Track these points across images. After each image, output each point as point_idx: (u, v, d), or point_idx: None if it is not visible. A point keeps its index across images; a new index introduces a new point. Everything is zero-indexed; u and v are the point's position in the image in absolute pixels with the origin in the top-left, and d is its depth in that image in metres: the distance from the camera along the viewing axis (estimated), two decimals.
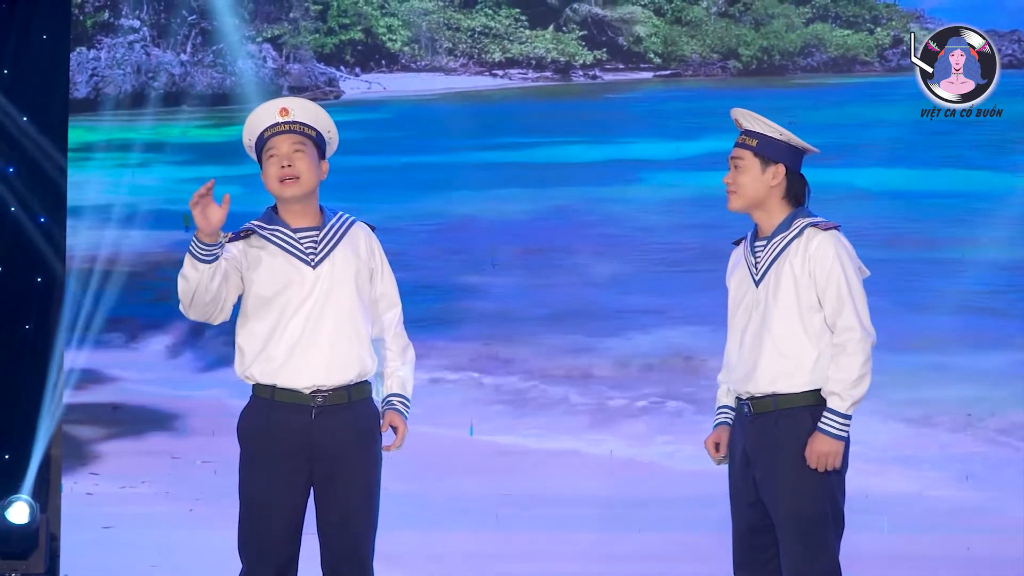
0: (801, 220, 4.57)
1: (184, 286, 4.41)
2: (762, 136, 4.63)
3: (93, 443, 8.08)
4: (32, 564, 7.64)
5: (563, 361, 7.95)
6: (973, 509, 7.57)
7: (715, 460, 4.69)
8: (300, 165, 4.56)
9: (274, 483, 4.55)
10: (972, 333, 7.74)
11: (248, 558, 4.59)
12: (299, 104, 4.66)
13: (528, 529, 7.73)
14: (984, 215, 7.84)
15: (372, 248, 4.73)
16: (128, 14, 8.33)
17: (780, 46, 8.16)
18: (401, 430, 4.69)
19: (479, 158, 8.16)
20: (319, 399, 4.54)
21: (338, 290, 4.59)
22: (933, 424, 7.69)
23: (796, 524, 4.42)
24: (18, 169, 8.05)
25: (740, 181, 4.60)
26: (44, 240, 8.02)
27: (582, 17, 8.28)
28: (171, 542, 7.75)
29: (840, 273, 4.46)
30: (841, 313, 4.44)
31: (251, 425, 4.62)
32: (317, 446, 4.54)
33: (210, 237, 4.33)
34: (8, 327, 7.99)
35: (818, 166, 7.79)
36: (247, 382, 4.62)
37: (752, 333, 4.53)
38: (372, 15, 8.32)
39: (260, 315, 4.57)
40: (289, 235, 4.60)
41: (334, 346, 4.56)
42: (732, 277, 4.71)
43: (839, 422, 4.40)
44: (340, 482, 4.56)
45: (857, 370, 4.40)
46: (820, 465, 4.39)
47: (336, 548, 4.58)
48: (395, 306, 4.77)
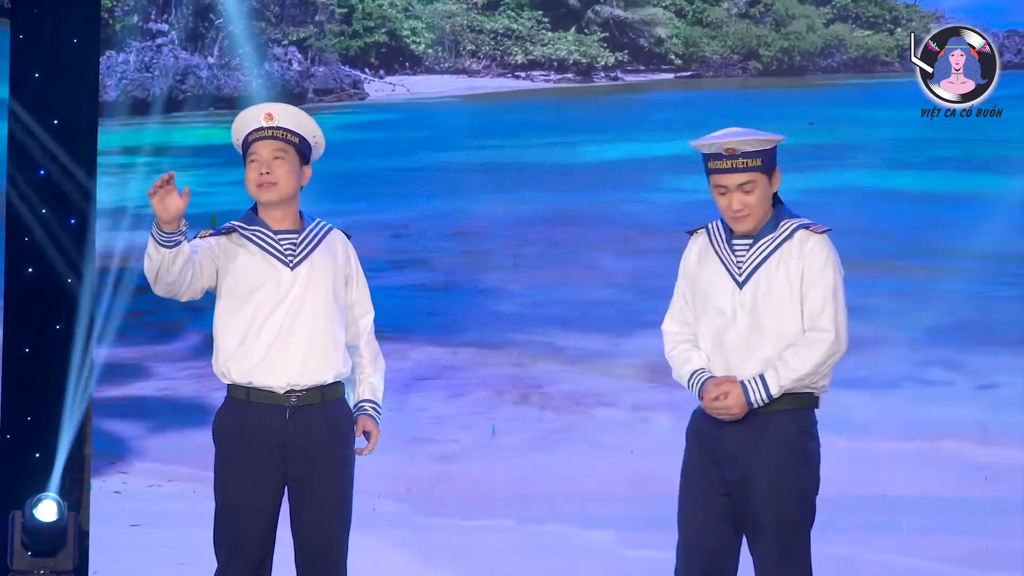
0: (789, 221, 4.52)
1: (148, 265, 4.48)
2: (764, 153, 4.49)
3: (122, 442, 8.10)
4: (60, 561, 7.65)
5: (582, 361, 7.94)
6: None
7: (725, 404, 4.42)
8: (279, 172, 4.63)
9: (249, 483, 4.60)
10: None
11: (223, 556, 4.64)
12: (284, 110, 4.72)
13: (549, 523, 7.75)
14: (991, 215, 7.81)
15: (348, 255, 4.79)
16: (156, 18, 8.37)
17: (800, 47, 8.17)
18: (374, 435, 4.76)
19: (501, 159, 8.17)
20: (293, 399, 4.59)
21: (315, 292, 4.64)
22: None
23: (777, 525, 4.36)
24: (49, 172, 8.04)
25: (752, 203, 4.46)
26: (74, 242, 8.02)
27: (604, 19, 8.30)
28: (198, 540, 7.66)
29: (831, 277, 4.43)
30: (822, 315, 4.40)
31: (226, 425, 4.67)
32: (291, 446, 4.59)
33: (169, 225, 4.38)
34: (39, 327, 7.99)
35: (837, 163, 7.82)
36: (222, 380, 4.68)
37: (737, 335, 4.43)
38: (396, 18, 8.36)
39: (236, 312, 4.62)
40: (269, 236, 4.66)
41: (310, 347, 4.61)
42: (698, 270, 4.56)
43: (761, 397, 4.36)
44: (314, 482, 4.61)
45: (811, 368, 4.38)
46: (714, 410, 4.38)
47: (310, 547, 4.63)
48: (368, 313, 4.83)
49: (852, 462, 7.18)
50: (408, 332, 7.77)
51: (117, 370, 8.11)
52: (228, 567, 4.62)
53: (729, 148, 4.46)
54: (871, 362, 7.65)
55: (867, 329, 7.55)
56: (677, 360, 4.56)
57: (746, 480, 4.38)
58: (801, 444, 4.42)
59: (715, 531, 4.44)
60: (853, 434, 7.40)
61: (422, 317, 7.87)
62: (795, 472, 4.39)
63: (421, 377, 7.87)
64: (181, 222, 4.40)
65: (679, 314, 4.60)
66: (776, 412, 4.40)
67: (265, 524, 4.60)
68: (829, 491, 4.56)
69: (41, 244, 8.02)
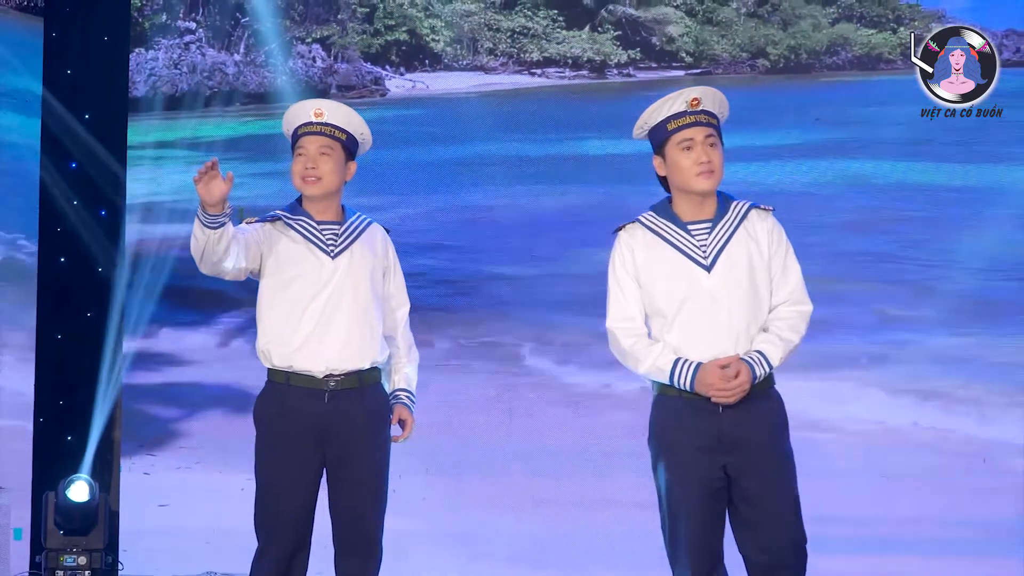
0: (737, 203, 4.41)
1: (194, 245, 4.55)
2: (719, 119, 4.39)
3: (151, 425, 8.13)
4: (92, 540, 7.68)
5: (594, 350, 7.78)
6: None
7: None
8: (324, 167, 4.71)
9: (288, 466, 4.64)
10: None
11: (264, 536, 4.68)
12: (333, 107, 4.80)
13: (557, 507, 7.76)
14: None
15: (387, 248, 4.87)
16: (184, 17, 8.40)
17: (807, 45, 8.16)
18: (409, 423, 4.84)
19: (517, 153, 8.17)
20: (332, 383, 4.65)
21: (355, 281, 4.71)
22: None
23: (789, 497, 4.30)
24: (80, 165, 8.10)
25: (716, 161, 4.33)
26: (104, 233, 8.09)
27: (617, 18, 8.30)
28: (224, 519, 7.64)
29: (792, 253, 4.40)
30: (799, 289, 4.37)
31: (266, 410, 4.72)
32: (330, 429, 4.63)
33: (214, 208, 4.45)
34: (71, 315, 8.05)
35: (842, 159, 7.88)
36: (263, 362, 4.73)
37: (714, 318, 4.29)
38: (416, 17, 8.38)
39: (278, 296, 4.69)
40: (312, 226, 4.73)
41: (349, 334, 4.67)
42: (649, 262, 4.39)
43: (764, 370, 4.28)
44: (352, 465, 4.65)
45: (799, 338, 4.35)
46: (728, 390, 4.23)
47: (347, 528, 4.67)
48: (404, 304, 4.91)
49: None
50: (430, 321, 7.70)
51: (147, 357, 8.14)
52: (268, 547, 4.66)
53: (694, 99, 4.33)
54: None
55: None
56: (641, 353, 4.34)
57: (747, 457, 4.28)
58: (785, 416, 4.39)
59: (718, 528, 4.35)
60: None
61: (437, 308, 7.87)
62: (788, 443, 4.37)
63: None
64: (225, 204, 4.46)
65: (622, 310, 4.40)
66: (767, 387, 4.33)
67: (304, 505, 4.64)
68: None
69: (73, 234, 8.08)
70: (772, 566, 4.30)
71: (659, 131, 4.37)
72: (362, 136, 4.83)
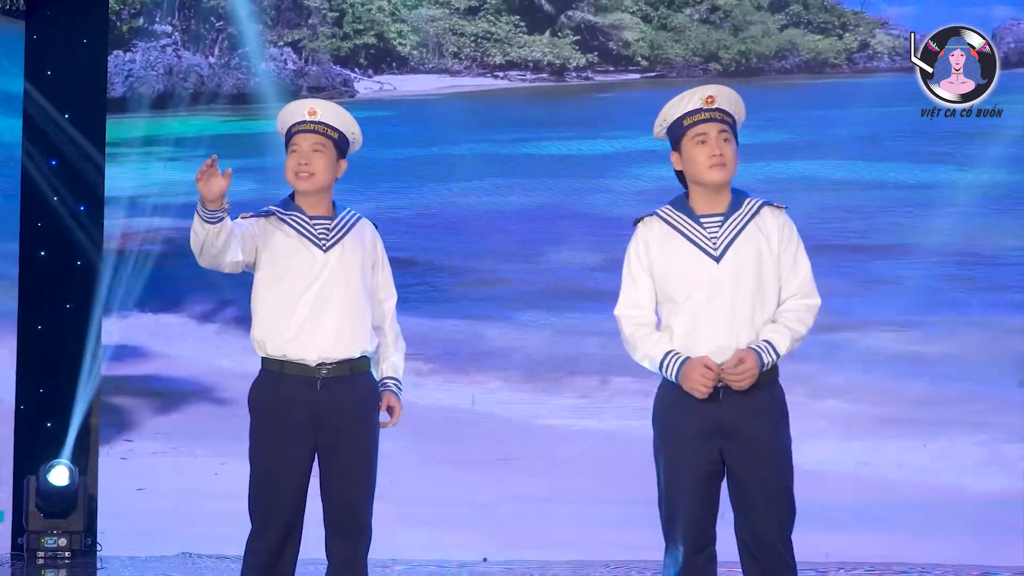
0: (751, 199, 4.48)
1: (194, 239, 4.57)
2: (734, 117, 4.46)
3: (128, 412, 8.17)
4: (72, 522, 7.82)
5: (559, 343, 7.97)
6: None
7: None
8: (316, 164, 4.75)
9: (281, 451, 4.66)
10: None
11: (258, 519, 4.69)
12: (326, 106, 4.86)
13: (531, 492, 7.88)
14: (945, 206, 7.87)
15: (375, 242, 4.94)
16: (161, 20, 8.45)
17: (757, 50, 8.26)
18: (397, 409, 4.86)
19: (480, 152, 8.23)
20: (324, 371, 4.68)
21: (346, 274, 4.74)
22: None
23: (783, 487, 4.37)
24: (59, 162, 8.18)
25: (729, 155, 4.40)
26: (83, 228, 8.15)
27: (575, 23, 8.38)
28: (198, 502, 7.81)
29: (803, 250, 4.47)
30: (809, 283, 4.44)
31: (261, 397, 4.73)
32: (322, 416, 4.67)
33: (213, 203, 4.45)
34: (51, 307, 8.12)
35: (791, 159, 7.99)
36: (257, 351, 4.80)
37: (722, 308, 4.36)
38: (384, 21, 8.45)
39: (273, 287, 4.75)
40: (305, 220, 4.79)
41: (341, 323, 4.70)
42: (662, 253, 4.45)
43: (771, 359, 4.34)
44: (343, 450, 4.68)
45: (807, 330, 4.41)
46: (738, 374, 4.29)
47: (338, 511, 4.69)
48: (392, 296, 4.98)
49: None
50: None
51: (125, 347, 8.19)
52: (262, 531, 4.68)
53: (709, 97, 4.40)
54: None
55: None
56: (640, 341, 4.43)
57: (746, 445, 4.34)
58: (786, 407, 4.47)
59: (712, 508, 4.40)
60: None
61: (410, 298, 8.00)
62: (787, 432, 4.43)
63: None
64: (224, 200, 4.47)
65: (630, 299, 4.48)
66: (772, 380, 4.40)
67: (297, 490, 4.67)
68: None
69: (53, 229, 8.16)
70: (762, 547, 4.36)
71: (676, 127, 4.44)
72: (353, 135, 4.90)
